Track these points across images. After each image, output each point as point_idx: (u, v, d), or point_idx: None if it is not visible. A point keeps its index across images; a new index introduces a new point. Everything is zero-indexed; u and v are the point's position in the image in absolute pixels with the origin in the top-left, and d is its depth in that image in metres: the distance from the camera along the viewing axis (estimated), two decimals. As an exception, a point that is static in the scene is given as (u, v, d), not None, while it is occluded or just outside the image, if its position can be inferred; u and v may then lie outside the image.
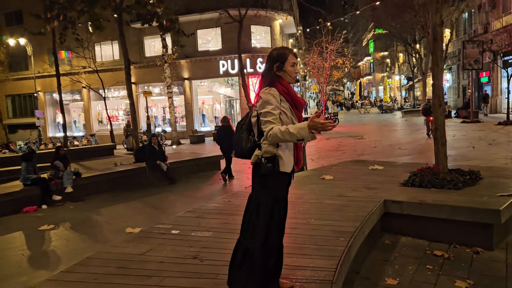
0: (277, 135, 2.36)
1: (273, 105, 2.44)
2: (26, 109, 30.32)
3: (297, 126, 2.36)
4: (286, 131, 2.34)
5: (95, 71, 21.96)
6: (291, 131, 2.33)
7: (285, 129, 2.35)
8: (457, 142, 12.72)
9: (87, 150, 16.14)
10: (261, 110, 2.46)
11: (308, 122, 2.33)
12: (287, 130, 2.34)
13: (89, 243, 5.69)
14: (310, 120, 2.34)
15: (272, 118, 2.41)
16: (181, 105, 26.54)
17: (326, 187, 5.71)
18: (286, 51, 2.59)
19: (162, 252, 3.60)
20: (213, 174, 10.69)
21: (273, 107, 2.44)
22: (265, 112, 2.43)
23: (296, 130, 2.33)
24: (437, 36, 5.34)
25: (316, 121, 2.31)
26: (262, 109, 2.45)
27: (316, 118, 2.33)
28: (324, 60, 25.11)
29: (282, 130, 2.35)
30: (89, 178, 9.16)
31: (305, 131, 2.32)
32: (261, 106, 2.47)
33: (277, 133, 2.36)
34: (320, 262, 3.11)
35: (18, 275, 4.57)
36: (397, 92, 54.27)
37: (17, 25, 28.10)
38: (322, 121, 2.31)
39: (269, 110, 2.43)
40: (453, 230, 4.27)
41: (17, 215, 7.56)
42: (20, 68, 29.30)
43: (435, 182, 5.08)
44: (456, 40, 28.88)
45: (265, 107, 2.45)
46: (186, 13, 21.82)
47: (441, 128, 5.52)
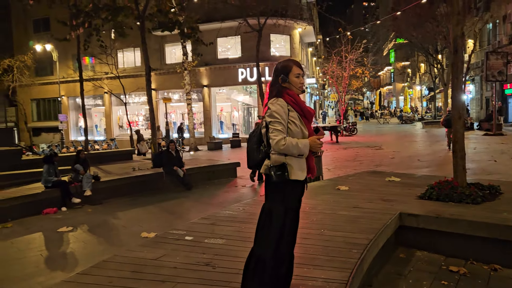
0: (289, 147, 2.48)
1: (281, 115, 2.51)
2: (50, 113, 31.17)
3: (303, 142, 2.50)
4: (296, 145, 2.49)
5: (117, 77, 22.45)
6: (299, 146, 2.49)
7: (296, 143, 2.49)
8: (478, 155, 12.45)
9: (107, 154, 16.44)
10: (270, 120, 2.53)
11: (310, 141, 2.52)
12: (297, 145, 2.49)
13: (106, 246, 5.79)
14: (311, 139, 2.52)
15: (281, 128, 2.50)
16: (199, 112, 26.82)
17: (341, 198, 5.68)
18: (290, 63, 2.66)
19: (176, 257, 3.65)
20: (229, 181, 10.74)
21: (281, 117, 2.51)
22: (274, 121, 2.51)
23: (302, 145, 2.50)
24: (458, 48, 5.28)
25: (316, 141, 2.53)
26: (271, 119, 2.53)
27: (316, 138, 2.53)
28: (343, 69, 25.03)
29: (293, 143, 2.49)
30: (108, 182, 9.34)
31: (307, 148, 2.51)
32: (269, 116, 2.54)
33: (289, 145, 2.48)
34: (331, 274, 3.10)
35: (36, 275, 4.69)
36: (418, 102, 53.52)
37: (44, 32, 29.04)
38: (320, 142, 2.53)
39: (278, 120, 2.51)
40: (470, 245, 4.18)
41: (38, 216, 7.75)
42: (45, 73, 30.19)
43: (453, 196, 4.99)
44: (480, 51, 28.35)
45: (273, 117, 2.52)
46: (207, 22, 22.12)
47: (460, 141, 5.43)
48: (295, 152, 2.48)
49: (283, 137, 2.47)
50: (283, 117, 2.51)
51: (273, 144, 2.49)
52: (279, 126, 2.49)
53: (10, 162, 11.35)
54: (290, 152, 2.49)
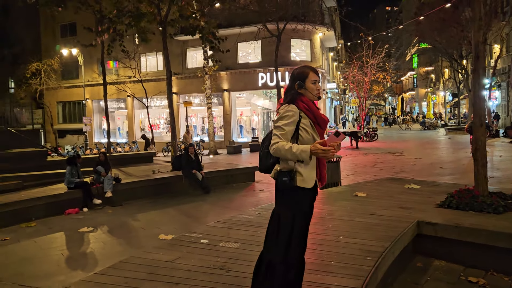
0: (280, 151, 2.43)
1: (286, 121, 2.50)
2: (75, 115, 31.99)
3: (301, 147, 2.41)
4: (289, 149, 2.40)
5: (140, 81, 22.90)
6: (293, 151, 2.40)
7: (289, 147, 2.41)
8: (504, 163, 12.10)
9: (128, 156, 16.76)
10: (275, 124, 2.55)
11: (312, 147, 2.39)
12: (290, 149, 2.40)
13: (124, 247, 5.90)
14: (313, 145, 2.40)
15: (281, 133, 2.48)
16: (219, 116, 27.02)
17: (358, 205, 5.63)
18: (306, 69, 2.64)
19: (191, 260, 3.70)
20: (247, 185, 10.78)
21: (285, 123, 2.49)
22: (276, 126, 2.52)
23: (298, 151, 2.39)
24: (479, 54, 5.17)
25: (318, 147, 2.37)
26: (275, 123, 2.54)
27: (319, 144, 2.38)
28: (364, 74, 24.81)
29: (286, 147, 2.41)
30: (128, 184, 9.52)
31: (306, 154, 2.38)
32: (275, 121, 2.56)
33: (280, 149, 2.42)
34: (345, 281, 3.08)
35: (57, 274, 4.82)
36: (441, 108, 52.44)
37: (71, 36, 29.89)
38: (324, 148, 2.36)
39: (280, 125, 2.50)
40: (490, 256, 4.07)
41: (60, 216, 7.96)
42: (71, 76, 31.05)
43: (474, 205, 4.88)
44: (507, 56, 27.59)
45: (278, 122, 2.53)
46: (227, 27, 22.33)
47: (481, 148, 5.30)
48: (288, 157, 2.42)
49: (276, 141, 2.45)
50: (287, 123, 2.49)
51: (271, 147, 2.48)
52: (279, 131, 2.48)
53: (36, 163, 11.71)
54: (282, 156, 2.45)
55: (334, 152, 2.40)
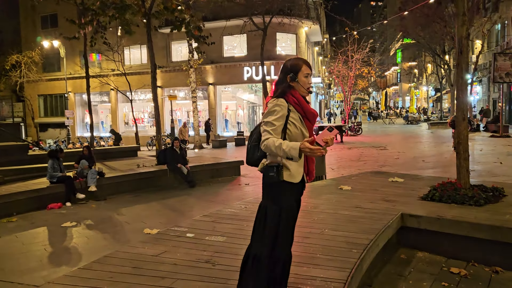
0: (270, 147, 2.39)
1: (275, 116, 2.45)
2: (57, 109, 31.41)
3: (290, 144, 2.36)
4: (279, 146, 2.36)
5: (123, 74, 22.55)
6: (283, 148, 2.35)
7: (279, 144, 2.36)
8: (484, 157, 12.36)
9: (112, 150, 16.53)
10: (264, 119, 2.50)
11: (301, 145, 2.34)
12: (280, 146, 2.36)
13: (109, 241, 5.83)
14: (302, 143, 2.35)
15: (271, 128, 2.43)
16: (204, 110, 26.88)
17: (343, 198, 5.68)
18: (299, 62, 2.58)
19: (176, 254, 3.68)
20: (232, 179, 10.76)
21: (275, 118, 2.45)
22: (266, 122, 2.47)
23: (288, 148, 2.35)
24: (463, 49, 5.25)
25: (306, 146, 2.32)
26: (265, 118, 2.49)
27: (307, 142, 2.33)
28: (349, 69, 24.96)
29: (276, 144, 2.37)
30: (112, 178, 9.40)
31: (295, 151, 2.33)
32: (265, 115, 2.51)
33: (271, 145, 2.38)
34: (331, 273, 3.11)
35: (39, 269, 4.74)
36: (424, 103, 53.25)
37: (52, 28, 29.23)
38: (311, 147, 2.32)
39: (270, 121, 2.46)
40: (472, 247, 4.16)
41: (42, 211, 7.82)
42: (53, 69, 30.42)
43: (456, 197, 4.97)
44: (488, 52, 28.12)
45: (267, 117, 2.48)
46: (213, 20, 22.16)
47: (464, 142, 5.40)
48: (279, 153, 2.37)
49: (267, 137, 2.41)
50: (276, 118, 2.45)
51: (261, 143, 2.45)
52: (269, 127, 2.44)
53: (17, 157, 11.46)
54: (272, 153, 2.42)
55: (322, 152, 2.35)
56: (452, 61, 32.15)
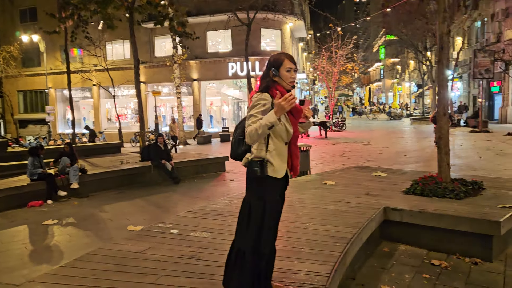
0: (252, 131, 2.38)
1: (259, 109, 2.45)
2: (37, 105, 30.75)
3: (266, 116, 2.37)
4: (259, 124, 2.36)
5: (106, 69, 22.21)
6: (261, 122, 2.36)
7: (258, 123, 2.37)
8: (464, 152, 12.63)
9: (95, 147, 16.29)
10: (248, 113, 2.50)
11: (274, 108, 2.36)
12: (259, 124, 2.36)
13: (91, 239, 5.76)
14: (274, 103, 2.36)
15: (253, 121, 2.43)
16: (189, 106, 26.71)
17: (328, 192, 5.73)
18: (282, 56, 2.58)
19: (160, 250, 3.65)
20: (217, 175, 10.74)
21: (258, 111, 2.45)
22: (249, 115, 2.47)
23: (264, 119, 2.36)
24: (444, 45, 5.33)
25: (278, 101, 2.33)
26: (249, 112, 2.49)
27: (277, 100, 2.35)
28: (333, 65, 25.12)
29: (255, 126, 2.37)
30: (95, 175, 9.26)
31: (271, 116, 2.34)
32: (249, 109, 2.51)
33: (252, 130, 2.38)
34: (315, 267, 3.13)
35: (20, 268, 4.65)
36: (407, 99, 54.02)
37: (31, 22, 28.54)
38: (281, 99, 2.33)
39: (253, 113, 2.45)
40: (452, 240, 4.25)
41: (23, 209, 7.66)
42: (32, 64, 29.72)
43: (437, 191, 5.06)
44: (468, 48, 28.66)
45: (251, 110, 2.48)
46: (196, 15, 21.98)
47: (445, 137, 5.50)
48: (260, 130, 2.35)
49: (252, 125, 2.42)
50: (260, 111, 2.45)
51: (245, 136, 2.45)
52: (253, 119, 2.44)
53: (-5, 154, 11.20)
54: (256, 135, 2.38)
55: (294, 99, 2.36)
56: (434, 57, 32.65)
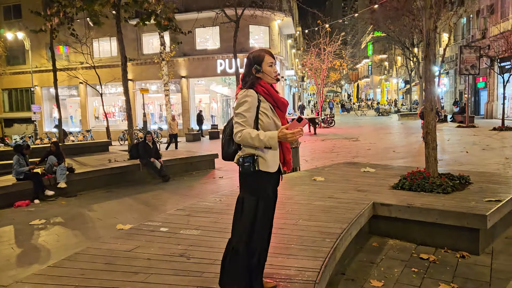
0: (247, 139, 2.41)
1: (246, 107, 2.47)
2: (23, 103, 30.25)
3: (268, 134, 2.41)
4: (256, 137, 2.39)
5: (93, 67, 21.93)
6: (260, 138, 2.39)
7: (256, 135, 2.40)
8: (451, 147, 12.80)
9: (82, 145, 16.10)
10: (235, 111, 2.51)
11: (279, 133, 2.40)
12: (257, 137, 2.39)
13: (80, 238, 5.70)
14: (280, 131, 2.40)
15: (242, 120, 2.45)
16: (178, 103, 26.54)
17: (317, 189, 5.75)
18: (261, 53, 2.61)
19: (150, 249, 3.63)
20: (207, 173, 10.71)
21: (245, 109, 2.46)
22: (237, 113, 2.48)
23: (266, 138, 2.39)
24: (430, 41, 5.38)
25: (285, 132, 2.39)
26: (236, 110, 2.50)
27: (285, 129, 2.40)
28: (321, 61, 25.19)
29: (253, 135, 2.40)
30: (83, 174, 9.15)
31: (274, 140, 2.39)
32: (236, 107, 2.52)
33: (247, 137, 2.41)
34: (305, 263, 3.15)
35: (6, 269, 4.58)
36: (395, 95, 54.50)
37: (16, 19, 28.03)
38: (292, 131, 2.38)
39: (241, 112, 2.47)
40: (440, 234, 4.30)
41: (9, 209, 7.55)
42: (17, 62, 29.21)
43: (425, 186, 5.12)
44: (454, 44, 29.01)
45: (238, 108, 2.49)
46: (184, 12, 21.83)
47: (432, 132, 5.56)
48: (256, 144, 2.40)
49: (240, 129, 2.43)
50: (246, 109, 2.46)
51: (235, 136, 2.47)
52: (240, 118, 2.46)
53: (-20, 154, 10.99)
54: (249, 144, 2.43)
55: (301, 134, 2.42)
56: (421, 53, 32.99)
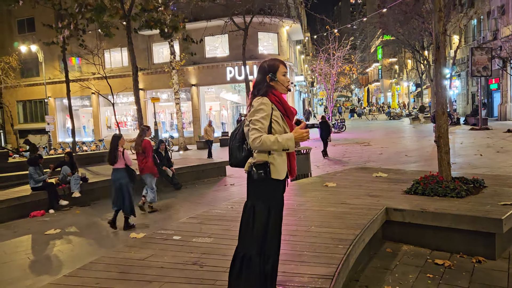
0: (266, 143, 2.45)
1: (263, 114, 2.51)
2: (37, 115, 30.77)
3: (285, 136, 2.48)
4: (275, 140, 2.46)
5: (104, 77, 22.23)
6: (279, 141, 2.46)
7: (275, 138, 2.46)
8: (465, 150, 12.63)
9: (95, 155, 16.30)
10: (251, 118, 2.53)
11: (294, 133, 2.49)
12: (276, 140, 2.46)
13: (94, 247, 5.76)
14: (295, 131, 2.49)
15: (259, 126, 2.49)
16: (188, 111, 26.72)
17: (329, 194, 5.73)
18: (276, 62, 2.68)
19: (163, 257, 3.65)
20: (218, 180, 10.74)
21: (262, 116, 2.50)
22: (254, 120, 2.51)
23: (284, 140, 2.46)
24: (440, 45, 5.35)
25: (300, 131, 2.48)
26: (252, 117, 2.52)
27: (299, 129, 2.49)
28: (331, 66, 25.15)
29: (272, 139, 2.46)
30: (96, 183, 9.26)
31: (291, 141, 2.47)
32: (251, 114, 2.54)
33: (267, 142, 2.45)
34: (318, 270, 3.13)
35: (23, 278, 4.65)
36: (406, 98, 54.07)
37: (29, 33, 28.61)
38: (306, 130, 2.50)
39: (258, 119, 2.50)
40: (455, 239, 4.25)
41: (25, 219, 7.67)
42: (31, 74, 29.78)
43: (438, 190, 5.07)
44: (465, 46, 28.71)
45: (254, 115, 2.52)
46: (193, 21, 22.05)
47: (444, 136, 5.51)
48: (275, 147, 2.46)
49: (259, 135, 2.46)
50: (263, 116, 2.50)
51: (250, 142, 2.50)
52: (257, 124, 2.49)
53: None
54: (269, 148, 2.48)
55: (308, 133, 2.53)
56: (431, 56, 32.72)
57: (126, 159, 6.50)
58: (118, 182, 6.47)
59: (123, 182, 6.46)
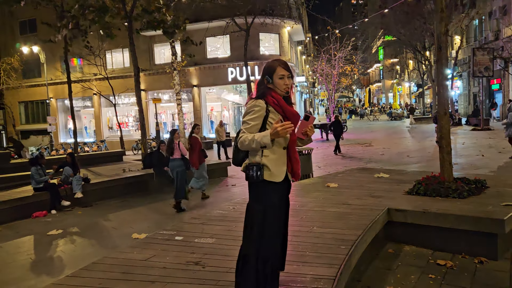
0: (244, 142, 2.44)
1: (251, 116, 2.49)
2: (39, 115, 30.83)
3: (262, 134, 2.41)
4: (252, 138, 2.41)
5: (106, 78, 22.29)
6: (255, 139, 2.40)
7: (252, 136, 2.42)
8: (467, 150, 12.61)
9: (97, 156, 16.34)
10: (242, 120, 2.55)
11: (270, 130, 2.38)
12: (252, 138, 2.41)
13: (96, 248, 5.77)
14: (272, 127, 2.38)
15: (246, 127, 2.48)
16: (190, 112, 26.74)
17: (331, 195, 5.73)
18: (274, 64, 2.59)
19: (166, 258, 3.66)
20: (220, 181, 10.75)
21: (250, 118, 2.49)
22: (243, 122, 2.53)
23: (260, 137, 2.39)
24: (442, 45, 5.35)
25: (274, 126, 2.35)
26: (242, 118, 2.55)
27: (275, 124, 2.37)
28: (332, 67, 25.15)
29: (249, 138, 2.43)
30: (98, 184, 9.29)
31: (267, 138, 2.37)
32: (243, 116, 2.56)
33: (245, 140, 2.43)
34: (320, 270, 3.14)
35: (26, 279, 4.66)
36: (407, 99, 54.02)
37: (31, 33, 28.68)
38: (279, 125, 2.34)
39: (246, 120, 2.50)
40: (457, 239, 4.24)
41: (27, 220, 7.69)
42: (33, 75, 29.84)
43: (440, 190, 5.06)
44: (467, 47, 28.67)
45: (244, 117, 2.53)
46: (195, 21, 22.07)
47: (446, 136, 5.50)
48: (253, 145, 2.41)
49: (241, 135, 2.46)
50: (252, 118, 2.48)
51: (236, 142, 2.52)
52: (245, 126, 2.50)
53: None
54: (248, 147, 2.44)
55: (292, 127, 2.38)
56: (433, 57, 32.69)
57: (182, 149, 7.66)
58: (175, 170, 7.60)
59: (180, 170, 7.59)
